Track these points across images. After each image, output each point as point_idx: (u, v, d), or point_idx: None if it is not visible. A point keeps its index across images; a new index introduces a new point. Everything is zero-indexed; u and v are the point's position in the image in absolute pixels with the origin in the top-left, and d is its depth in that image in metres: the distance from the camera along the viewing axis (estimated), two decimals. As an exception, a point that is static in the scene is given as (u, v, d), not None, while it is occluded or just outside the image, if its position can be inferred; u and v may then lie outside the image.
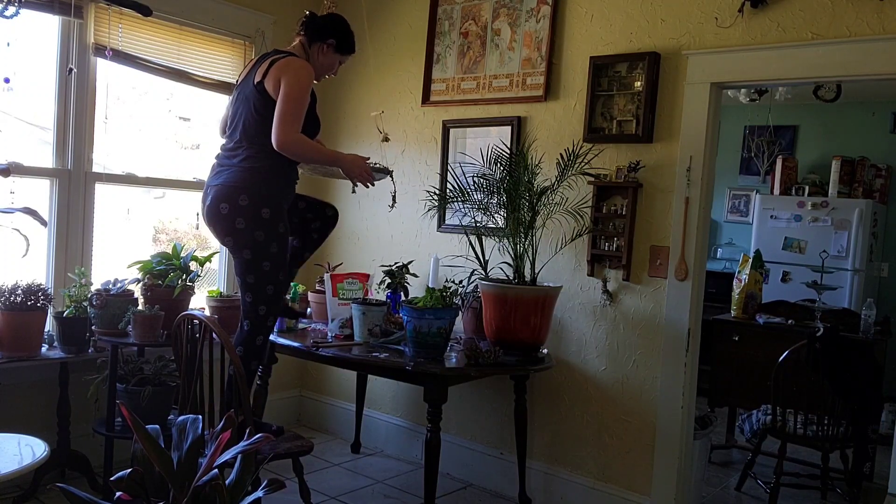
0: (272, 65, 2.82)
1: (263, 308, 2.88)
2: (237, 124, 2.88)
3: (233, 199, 2.75)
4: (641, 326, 3.35)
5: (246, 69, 3.01)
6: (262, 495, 1.91)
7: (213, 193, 2.80)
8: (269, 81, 2.78)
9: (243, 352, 2.88)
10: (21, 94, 3.46)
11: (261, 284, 2.85)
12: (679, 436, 3.23)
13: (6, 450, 2.38)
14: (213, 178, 2.87)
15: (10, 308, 3.18)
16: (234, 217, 2.76)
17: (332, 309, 3.71)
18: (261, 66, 2.87)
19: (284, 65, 2.81)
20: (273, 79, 2.77)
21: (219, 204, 2.78)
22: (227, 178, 2.80)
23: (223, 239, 2.86)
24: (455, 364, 3.08)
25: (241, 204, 2.75)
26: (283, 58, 2.86)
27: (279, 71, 2.79)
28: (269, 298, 2.87)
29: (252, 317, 2.88)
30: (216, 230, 2.86)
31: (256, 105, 2.82)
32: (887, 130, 6.19)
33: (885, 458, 3.32)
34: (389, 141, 3.84)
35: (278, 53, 2.92)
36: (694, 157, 3.17)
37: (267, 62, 2.86)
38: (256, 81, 2.83)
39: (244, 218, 2.75)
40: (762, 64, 3.03)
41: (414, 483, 3.84)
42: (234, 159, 2.84)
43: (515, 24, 3.76)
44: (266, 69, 2.82)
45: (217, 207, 2.78)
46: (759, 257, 4.82)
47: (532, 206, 3.29)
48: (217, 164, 2.92)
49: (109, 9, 3.56)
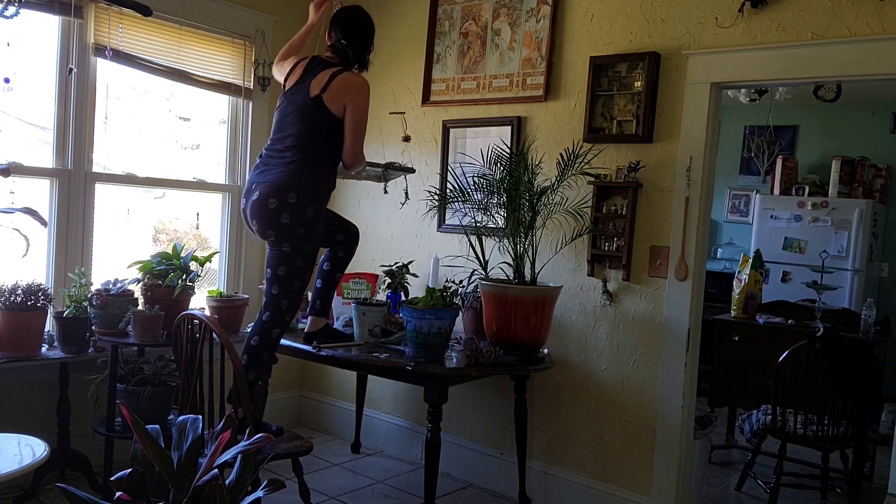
0: (331, 79, 2.94)
1: (286, 302, 3.00)
2: (289, 129, 3.00)
3: (282, 195, 2.88)
4: (641, 326, 3.35)
5: (295, 73, 3.09)
6: (262, 495, 1.92)
7: (262, 190, 2.93)
8: (333, 102, 2.94)
9: (258, 341, 2.97)
10: (21, 94, 3.46)
11: (290, 278, 2.98)
12: (679, 436, 3.23)
13: (6, 450, 2.39)
14: (260, 175, 2.99)
15: (10, 308, 3.18)
16: (281, 212, 2.88)
17: (337, 308, 3.71)
18: (316, 76, 2.98)
19: (347, 86, 2.96)
20: (337, 101, 2.94)
21: (267, 199, 2.90)
22: (278, 177, 2.92)
23: (265, 232, 2.96)
24: (455, 364, 3.07)
25: (290, 201, 2.88)
26: (340, 73, 2.97)
27: (344, 94, 2.95)
28: (293, 294, 3.00)
29: (273, 308, 2.99)
30: (260, 223, 2.95)
31: (312, 117, 2.96)
32: (887, 130, 6.19)
33: (885, 458, 3.32)
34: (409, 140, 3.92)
35: (330, 65, 3.02)
36: (694, 157, 3.17)
37: (325, 75, 2.96)
38: (314, 95, 2.94)
39: (290, 214, 2.89)
40: (762, 64, 3.03)
41: (414, 483, 3.84)
42: (283, 160, 2.97)
43: (515, 24, 3.76)
44: (325, 84, 2.94)
45: (265, 202, 2.90)
46: (759, 257, 4.82)
47: (532, 206, 3.29)
48: (262, 162, 3.04)
49: (109, 9, 3.56)
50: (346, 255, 3.36)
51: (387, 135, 4.28)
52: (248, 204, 2.98)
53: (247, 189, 3.03)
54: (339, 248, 3.33)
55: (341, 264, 3.36)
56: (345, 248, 3.34)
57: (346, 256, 3.36)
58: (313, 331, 3.34)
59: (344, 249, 3.34)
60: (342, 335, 3.43)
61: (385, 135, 4.29)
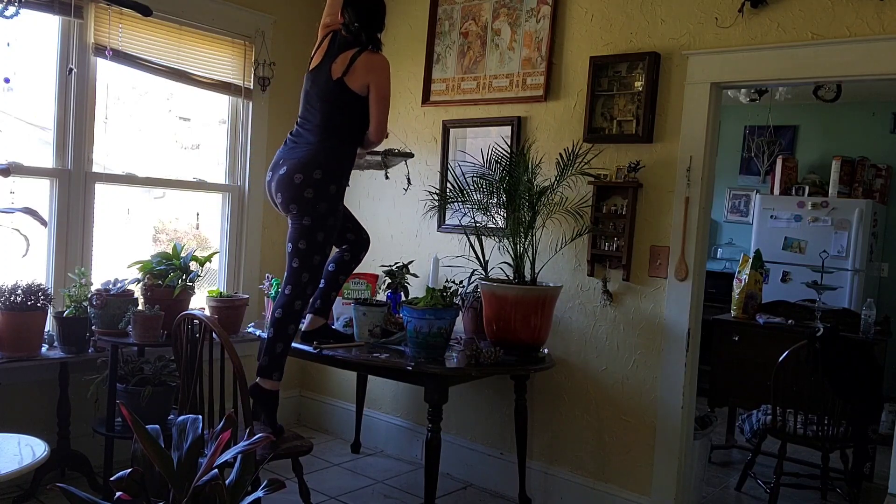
0: (353, 61, 3.02)
1: (307, 275, 3.06)
2: (314, 110, 3.11)
3: (308, 171, 2.99)
4: (641, 326, 3.35)
5: (320, 51, 3.16)
6: (262, 495, 1.92)
7: (290, 165, 3.03)
8: (355, 82, 3.03)
9: (282, 314, 3.04)
10: (21, 94, 3.46)
11: (310, 252, 3.04)
12: (679, 436, 3.23)
13: (6, 450, 2.39)
14: (288, 152, 3.10)
15: (10, 308, 3.18)
16: (305, 187, 2.98)
17: (337, 308, 3.71)
18: (337, 58, 3.06)
19: (370, 66, 3.04)
20: (360, 81, 3.03)
21: (293, 174, 3.00)
22: (304, 154, 3.04)
23: (287, 206, 3.05)
24: (455, 364, 3.08)
25: (315, 177, 2.99)
26: (361, 54, 3.04)
27: (367, 72, 3.03)
28: (313, 267, 3.07)
29: (294, 281, 3.05)
30: (283, 196, 3.04)
31: (336, 98, 3.06)
32: (887, 130, 6.19)
33: (885, 458, 3.31)
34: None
35: (350, 47, 3.07)
36: (694, 157, 3.17)
37: (346, 57, 3.04)
38: (336, 77, 3.03)
39: (314, 189, 2.99)
40: (762, 64, 3.03)
41: (414, 483, 3.84)
42: (311, 138, 3.08)
43: (515, 24, 3.76)
44: (347, 65, 3.02)
45: (291, 177, 3.00)
46: (759, 257, 4.81)
47: (532, 205, 3.29)
48: (292, 139, 3.15)
49: (109, 9, 3.56)
50: (352, 260, 3.37)
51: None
52: (275, 178, 3.07)
53: (274, 163, 3.13)
54: (346, 251, 3.34)
55: (346, 268, 3.37)
56: (352, 252, 3.36)
57: (351, 260, 3.37)
58: (311, 329, 3.34)
59: (351, 253, 3.35)
60: (341, 335, 3.43)
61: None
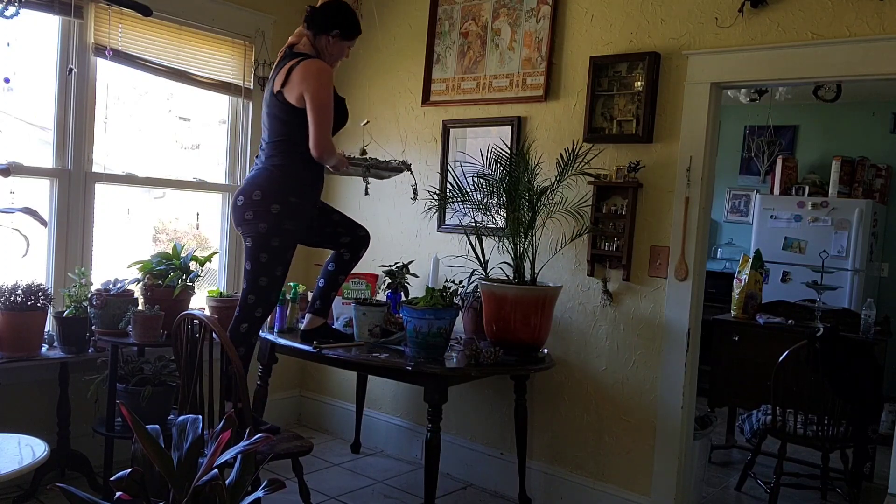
0: (290, 72, 2.94)
1: (252, 297, 3.01)
2: (265, 128, 3.10)
3: (249, 193, 2.98)
4: (641, 326, 3.35)
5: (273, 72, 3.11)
6: (262, 495, 1.91)
7: (239, 188, 3.06)
8: (291, 93, 2.93)
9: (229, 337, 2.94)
10: (21, 94, 3.46)
11: (255, 274, 3.00)
12: (679, 436, 3.23)
13: (6, 450, 2.39)
14: (247, 175, 3.14)
15: (10, 308, 3.18)
16: (245, 209, 2.98)
17: (337, 308, 3.71)
18: (280, 71, 2.99)
19: (303, 74, 2.92)
20: (295, 91, 2.92)
21: (237, 197, 3.03)
22: (252, 176, 3.05)
23: (237, 228, 3.07)
24: (455, 364, 3.07)
25: (255, 199, 2.96)
26: (298, 63, 2.94)
27: (299, 81, 2.91)
28: (260, 289, 3.00)
29: (242, 303, 3.05)
30: (233, 219, 3.09)
31: (277, 112, 3.01)
32: (887, 130, 6.19)
33: (885, 458, 3.32)
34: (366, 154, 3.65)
35: (293, 57, 3.00)
36: (694, 157, 3.17)
37: (285, 69, 2.96)
38: (276, 90, 2.98)
39: (253, 210, 2.96)
40: (762, 64, 3.03)
41: (414, 483, 3.84)
42: (262, 157, 3.08)
43: (515, 24, 3.76)
44: (285, 77, 2.95)
45: (236, 200, 3.03)
46: (759, 257, 4.81)
47: (532, 205, 3.29)
48: (256, 161, 3.16)
49: (109, 9, 3.56)
50: (351, 259, 3.34)
51: (384, 136, 4.28)
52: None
53: None
54: (344, 251, 3.32)
55: (346, 267, 3.35)
56: (351, 252, 3.33)
57: (351, 259, 3.35)
58: (310, 328, 3.33)
59: (350, 252, 3.33)
60: (340, 334, 3.43)
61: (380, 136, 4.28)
